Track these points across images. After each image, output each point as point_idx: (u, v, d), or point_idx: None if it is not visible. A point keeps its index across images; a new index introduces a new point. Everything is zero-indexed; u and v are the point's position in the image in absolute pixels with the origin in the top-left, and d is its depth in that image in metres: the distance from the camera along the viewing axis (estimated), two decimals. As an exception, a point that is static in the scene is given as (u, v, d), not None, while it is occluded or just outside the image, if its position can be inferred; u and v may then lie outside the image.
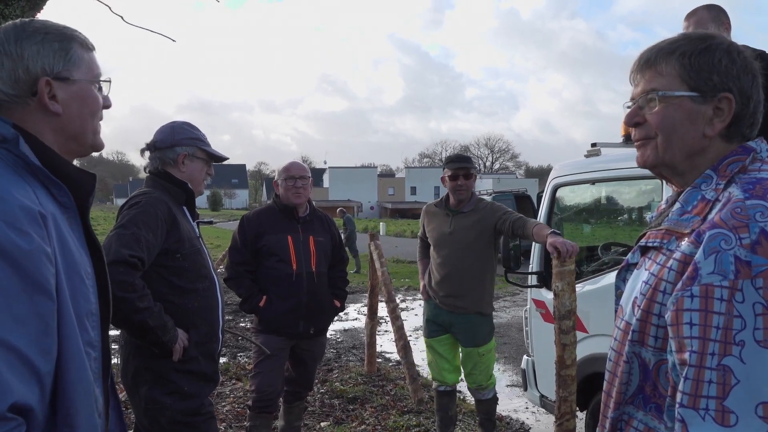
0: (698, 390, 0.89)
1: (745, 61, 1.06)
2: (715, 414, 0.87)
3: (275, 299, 3.46)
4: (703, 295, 0.91)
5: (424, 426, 4.52)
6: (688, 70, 1.07)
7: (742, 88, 1.05)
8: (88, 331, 1.13)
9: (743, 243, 0.90)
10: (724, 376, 0.87)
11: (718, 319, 0.89)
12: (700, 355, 0.90)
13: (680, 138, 1.08)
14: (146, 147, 2.53)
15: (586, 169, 3.86)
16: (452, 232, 3.78)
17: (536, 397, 4.19)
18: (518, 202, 18.84)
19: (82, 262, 1.15)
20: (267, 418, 3.55)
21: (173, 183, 2.49)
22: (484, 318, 3.82)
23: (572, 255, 3.10)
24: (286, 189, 3.54)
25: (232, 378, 5.77)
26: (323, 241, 3.63)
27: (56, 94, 1.19)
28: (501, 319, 9.41)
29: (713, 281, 0.91)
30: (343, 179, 71.61)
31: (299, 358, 3.66)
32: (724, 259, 0.91)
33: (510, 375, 6.37)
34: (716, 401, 0.87)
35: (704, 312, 0.91)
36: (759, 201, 0.94)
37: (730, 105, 1.05)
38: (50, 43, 1.19)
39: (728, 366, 0.87)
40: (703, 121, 1.06)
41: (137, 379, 2.36)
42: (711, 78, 1.05)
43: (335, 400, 5.18)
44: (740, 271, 0.89)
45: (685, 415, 0.90)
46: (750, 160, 1.05)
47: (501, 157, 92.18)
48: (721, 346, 0.88)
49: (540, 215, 4.26)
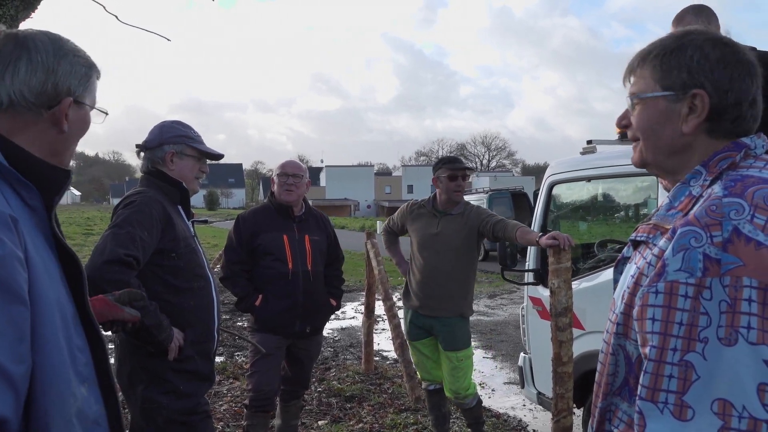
0: (657, 384, 0.90)
1: (724, 54, 1.05)
2: (673, 408, 0.88)
3: (271, 298, 3.46)
4: (668, 291, 0.92)
5: (422, 424, 4.53)
6: (660, 70, 1.08)
7: (716, 82, 1.04)
8: (73, 335, 1.13)
9: (714, 241, 0.90)
10: (686, 372, 0.88)
11: (681, 316, 0.90)
12: (660, 350, 0.91)
13: (658, 137, 1.10)
14: (138, 148, 2.56)
15: (582, 167, 3.87)
16: (438, 234, 3.77)
17: (533, 394, 4.20)
18: (515, 199, 18.85)
19: (54, 264, 1.14)
20: (264, 417, 3.55)
21: (167, 182, 2.49)
22: (464, 321, 3.82)
23: (570, 245, 3.13)
24: (279, 186, 3.55)
25: (230, 377, 5.76)
26: (319, 239, 3.63)
27: (69, 114, 1.23)
28: (498, 317, 9.43)
29: (679, 278, 0.91)
30: (340, 178, 71.56)
31: (295, 357, 3.65)
32: (693, 256, 0.91)
33: (507, 372, 6.38)
34: (676, 396, 0.88)
35: (667, 308, 0.92)
36: (735, 199, 0.94)
37: (703, 101, 1.05)
38: (80, 66, 1.25)
39: (691, 362, 0.88)
40: (680, 119, 1.07)
41: (133, 378, 2.36)
42: (681, 76, 1.06)
43: (332, 398, 5.18)
44: (709, 268, 0.89)
45: (644, 407, 0.92)
46: (742, 156, 1.05)
47: (498, 155, 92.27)
48: (685, 342, 0.89)
49: (536, 213, 4.27)
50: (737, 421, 0.84)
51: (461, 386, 3.78)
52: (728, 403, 0.85)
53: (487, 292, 11.77)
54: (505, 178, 52.77)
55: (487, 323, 8.90)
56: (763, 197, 0.93)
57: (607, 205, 5.13)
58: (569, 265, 3.16)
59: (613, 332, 1.11)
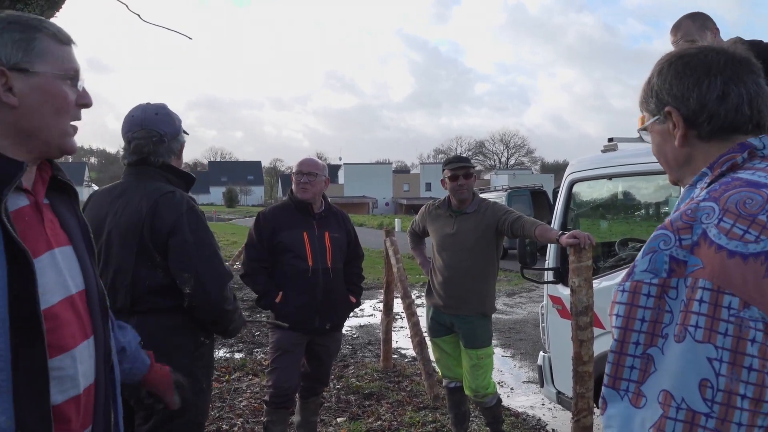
0: (618, 373, 0.99)
1: (676, 68, 1.13)
2: (631, 396, 0.96)
3: (291, 295, 3.48)
4: (632, 290, 0.99)
5: (440, 422, 4.53)
6: (644, 102, 1.21)
7: (676, 96, 1.13)
8: None
9: (683, 244, 0.96)
10: (647, 364, 0.95)
11: (643, 313, 0.97)
12: (620, 344, 0.99)
13: (666, 157, 1.20)
14: (152, 139, 2.30)
15: (603, 165, 3.84)
16: (455, 234, 3.77)
17: (553, 393, 4.18)
18: (534, 197, 18.75)
19: None
20: (284, 413, 3.57)
21: (177, 175, 2.34)
22: (485, 319, 3.81)
23: (591, 244, 3.11)
24: (295, 184, 3.58)
25: (249, 374, 5.81)
26: (339, 236, 3.64)
27: (13, 85, 1.14)
28: (517, 316, 9.39)
29: (643, 279, 0.98)
30: (358, 175, 71.68)
31: (315, 354, 3.67)
32: (659, 258, 0.97)
33: (526, 371, 6.35)
34: (635, 385, 0.96)
35: (630, 306, 0.98)
36: (711, 203, 0.99)
37: (674, 116, 1.13)
38: (11, 33, 1.15)
39: (651, 355, 0.95)
40: (671, 137, 1.16)
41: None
42: (653, 101, 1.18)
43: (351, 395, 5.20)
44: (675, 270, 0.95)
45: (607, 393, 1.00)
46: (745, 158, 1.08)
47: (516, 152, 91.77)
48: (648, 336, 0.96)
49: (556, 211, 4.24)
50: (675, 412, 0.90)
51: (481, 384, 3.77)
52: (669, 395, 0.91)
53: (506, 290, 11.72)
54: (524, 176, 52.52)
55: (506, 322, 8.86)
56: (735, 201, 0.97)
57: (628, 204, 5.09)
58: (590, 264, 3.14)
59: None
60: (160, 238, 2.16)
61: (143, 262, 2.18)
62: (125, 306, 2.18)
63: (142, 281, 2.18)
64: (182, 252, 2.15)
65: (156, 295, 2.18)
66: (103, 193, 2.37)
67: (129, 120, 2.33)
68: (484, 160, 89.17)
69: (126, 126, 2.33)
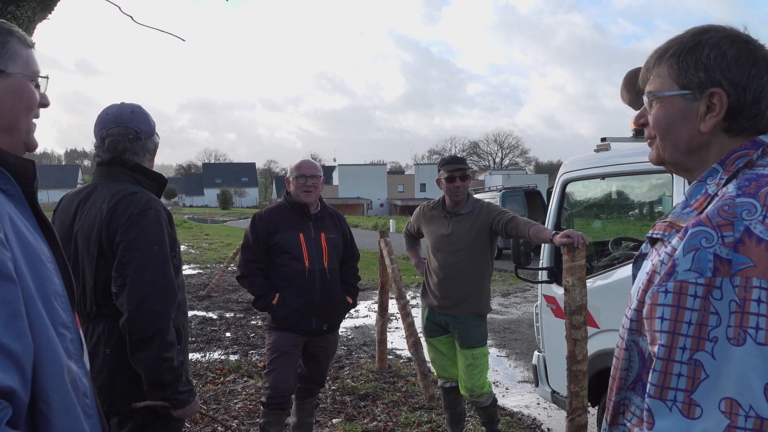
0: (666, 382, 0.92)
1: (741, 51, 1.04)
2: (681, 406, 0.90)
3: (288, 297, 3.47)
4: (677, 291, 0.93)
5: (436, 422, 4.53)
6: (677, 69, 1.08)
7: (734, 81, 1.03)
8: (58, 312, 1.14)
9: (726, 241, 0.91)
10: (695, 371, 0.89)
11: (691, 315, 0.91)
12: (668, 349, 0.92)
13: (675, 136, 1.10)
14: (128, 137, 2.22)
15: (596, 164, 3.85)
16: (450, 234, 3.78)
17: (548, 392, 4.19)
18: (528, 198, 18.77)
19: (39, 246, 1.15)
20: (280, 414, 3.57)
21: (148, 176, 2.25)
22: (480, 319, 3.82)
23: (584, 243, 3.12)
24: (297, 187, 3.55)
25: (244, 375, 5.80)
26: (334, 237, 3.64)
27: None
28: (512, 316, 9.40)
29: (689, 278, 0.92)
30: (353, 176, 71.60)
31: (312, 355, 3.67)
32: (703, 256, 0.91)
33: (522, 371, 6.36)
34: (684, 394, 0.90)
35: (676, 308, 0.92)
36: (748, 199, 0.94)
37: (721, 100, 1.04)
38: None
39: (700, 361, 0.89)
40: (697, 118, 1.07)
41: (126, 392, 2.12)
42: (698, 75, 1.06)
43: (347, 396, 5.20)
44: (719, 269, 0.90)
45: (653, 405, 0.93)
46: (760, 155, 1.04)
47: (510, 153, 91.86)
48: (694, 341, 0.90)
49: (550, 210, 4.25)
50: (744, 420, 0.84)
51: (476, 384, 3.78)
52: (735, 402, 0.85)
53: (501, 290, 11.74)
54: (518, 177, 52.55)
55: (500, 322, 8.88)
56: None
57: (621, 203, 5.10)
58: (583, 263, 3.15)
59: (627, 328, 1.12)
60: (114, 239, 2.08)
61: (104, 266, 2.10)
62: (93, 311, 2.13)
63: (104, 286, 2.10)
64: (121, 252, 2.05)
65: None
66: (72, 196, 2.31)
67: (103, 118, 2.26)
68: (478, 160, 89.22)
69: (100, 124, 2.26)
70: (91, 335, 2.13)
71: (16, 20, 3.40)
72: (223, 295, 10.88)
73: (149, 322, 2.02)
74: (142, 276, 2.03)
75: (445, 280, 3.79)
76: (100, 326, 2.13)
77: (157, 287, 2.04)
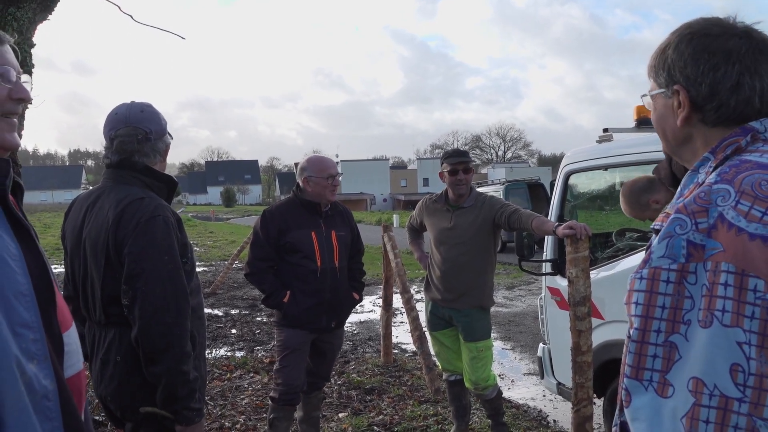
0: (641, 363, 0.96)
1: (696, 48, 1.09)
2: (657, 386, 0.94)
3: (299, 295, 3.46)
4: (650, 277, 0.97)
5: (442, 415, 4.55)
6: (653, 70, 1.17)
7: (689, 77, 1.09)
8: (17, 311, 1.11)
9: (700, 228, 0.94)
10: (670, 352, 0.93)
11: (664, 300, 0.95)
12: (641, 332, 0.97)
13: (665, 131, 1.17)
14: (137, 137, 2.15)
15: (599, 155, 3.84)
16: (453, 228, 3.78)
17: (553, 384, 4.20)
18: (531, 190, 18.75)
19: (3, 243, 1.13)
20: (290, 410, 3.58)
21: (157, 179, 2.18)
22: (484, 312, 3.83)
23: (587, 235, 3.12)
24: (323, 187, 3.48)
25: (250, 371, 5.82)
26: (344, 235, 3.64)
27: None
28: (517, 308, 9.41)
29: (662, 264, 0.96)
30: (356, 172, 71.59)
31: (320, 350, 3.68)
32: (676, 243, 0.95)
33: (527, 363, 6.37)
34: (660, 374, 0.94)
35: (649, 293, 0.96)
36: (724, 185, 0.97)
37: (681, 96, 1.10)
38: None
39: (675, 343, 0.93)
40: (674, 113, 1.13)
41: (137, 394, 2.08)
42: (663, 74, 1.14)
43: (353, 391, 5.21)
44: (693, 254, 0.94)
45: (629, 385, 0.97)
46: (749, 140, 1.06)
47: (513, 146, 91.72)
48: (669, 324, 0.94)
49: (553, 202, 4.25)
50: (708, 399, 0.88)
51: (481, 377, 3.79)
52: (701, 382, 0.89)
53: (505, 283, 11.74)
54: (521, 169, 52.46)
55: (505, 314, 8.89)
56: (750, 183, 0.95)
57: (624, 194, 5.08)
58: (587, 255, 3.15)
59: None
60: (121, 248, 2.01)
61: (111, 275, 2.05)
62: (101, 319, 2.09)
63: (111, 295, 2.05)
64: (130, 263, 1.99)
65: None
66: (82, 199, 2.26)
67: (112, 118, 2.18)
68: (481, 154, 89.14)
69: (109, 124, 2.18)
70: (102, 342, 2.11)
71: (16, 21, 3.40)
72: (228, 292, 10.90)
73: (162, 335, 1.96)
74: (153, 288, 1.97)
75: (447, 274, 3.79)
76: (110, 334, 2.09)
77: (168, 299, 1.99)
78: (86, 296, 2.16)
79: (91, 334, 2.16)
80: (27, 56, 3.48)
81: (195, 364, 2.12)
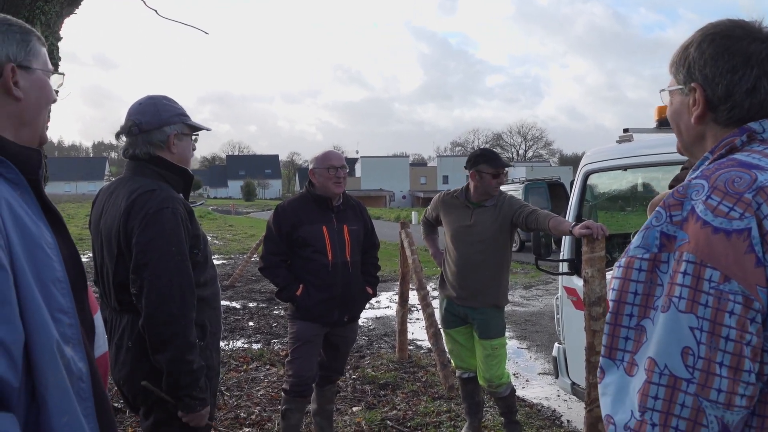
0: (613, 343, 1.04)
1: (717, 48, 1.11)
2: (626, 365, 1.01)
3: (312, 289, 3.50)
4: (626, 265, 1.04)
5: (455, 412, 4.56)
6: (674, 67, 1.20)
7: (707, 76, 1.12)
8: (56, 297, 1.16)
9: (674, 220, 1.00)
10: (640, 335, 1.00)
11: (636, 287, 1.02)
12: (614, 315, 1.04)
13: (680, 127, 1.21)
14: (127, 130, 2.22)
15: (619, 155, 3.82)
16: (472, 225, 3.78)
17: (567, 384, 4.19)
18: (551, 190, 18.60)
19: (41, 233, 1.18)
20: (302, 401, 3.62)
21: (170, 170, 2.22)
22: (498, 311, 3.83)
23: (604, 234, 3.11)
24: (327, 179, 3.52)
25: (266, 363, 5.89)
26: (356, 229, 3.66)
27: (18, 81, 1.25)
28: (534, 308, 9.37)
29: (636, 254, 1.03)
30: (375, 168, 71.66)
31: (333, 344, 3.72)
32: (651, 234, 1.02)
33: (542, 363, 6.35)
34: (630, 355, 1.01)
35: (623, 280, 1.03)
36: (701, 180, 1.02)
37: (697, 94, 1.13)
38: (13, 34, 1.26)
39: (644, 326, 1.00)
40: (690, 111, 1.16)
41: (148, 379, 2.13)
42: (681, 71, 1.17)
43: (367, 385, 5.25)
44: (665, 245, 1.00)
45: (604, 364, 1.05)
46: (745, 140, 1.09)
47: (534, 144, 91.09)
48: (641, 309, 1.01)
49: (571, 202, 4.24)
50: (658, 377, 0.95)
51: (495, 375, 3.80)
52: (653, 361, 0.96)
53: (523, 282, 11.69)
54: (541, 168, 52.11)
55: (522, 314, 8.86)
56: (724, 180, 1.00)
57: (644, 195, 5.05)
58: (603, 254, 3.14)
59: None
60: (131, 238, 2.06)
61: (122, 264, 2.11)
62: (116, 305, 2.16)
63: (122, 283, 2.11)
64: (138, 253, 2.04)
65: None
66: (104, 190, 2.32)
67: (127, 111, 2.29)
68: (501, 152, 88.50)
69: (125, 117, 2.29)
70: (117, 328, 2.18)
71: (44, 15, 3.47)
72: (246, 285, 11.01)
73: (166, 325, 2.01)
74: (159, 278, 2.02)
75: (463, 272, 3.80)
76: (124, 320, 2.16)
77: (174, 289, 2.03)
78: (103, 283, 2.24)
79: (108, 319, 2.23)
80: (54, 49, 3.55)
81: (206, 354, 2.17)
